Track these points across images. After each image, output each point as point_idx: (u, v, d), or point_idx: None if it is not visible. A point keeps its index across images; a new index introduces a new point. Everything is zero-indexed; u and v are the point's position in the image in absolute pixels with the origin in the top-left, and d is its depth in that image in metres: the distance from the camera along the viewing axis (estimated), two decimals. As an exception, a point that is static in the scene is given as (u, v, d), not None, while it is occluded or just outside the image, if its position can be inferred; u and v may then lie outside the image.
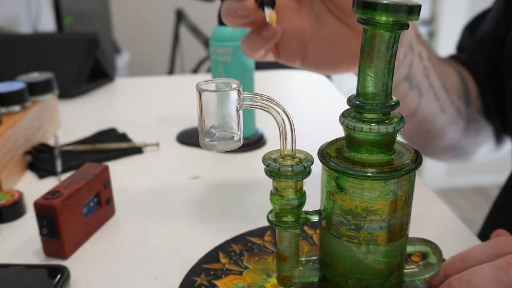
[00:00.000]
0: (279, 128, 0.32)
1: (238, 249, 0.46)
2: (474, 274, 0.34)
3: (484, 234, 0.67)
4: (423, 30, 2.56)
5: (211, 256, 0.45)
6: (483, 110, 0.67)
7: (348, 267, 0.35)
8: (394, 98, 0.33)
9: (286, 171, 0.32)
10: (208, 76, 1.08)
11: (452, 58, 0.72)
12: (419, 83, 0.54)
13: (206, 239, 0.48)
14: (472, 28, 0.71)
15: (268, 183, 0.57)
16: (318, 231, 0.44)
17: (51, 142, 0.73)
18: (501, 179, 0.94)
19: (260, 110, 0.32)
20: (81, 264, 0.45)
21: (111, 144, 0.70)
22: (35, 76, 0.72)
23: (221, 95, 0.31)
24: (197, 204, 0.56)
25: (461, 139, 0.66)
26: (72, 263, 0.45)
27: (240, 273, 0.43)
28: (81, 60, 0.99)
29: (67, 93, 0.95)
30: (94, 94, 0.99)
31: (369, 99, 0.32)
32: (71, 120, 0.84)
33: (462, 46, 0.72)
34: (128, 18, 2.81)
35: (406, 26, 0.30)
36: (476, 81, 0.67)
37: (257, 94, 0.32)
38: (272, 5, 0.41)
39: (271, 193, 0.34)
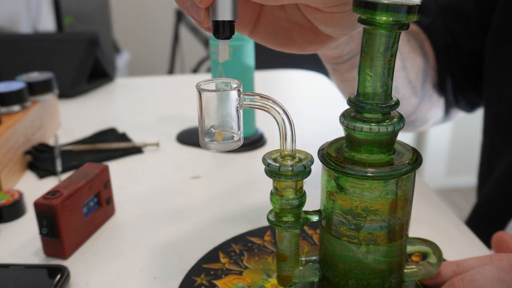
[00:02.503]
0: (279, 128, 0.32)
1: (238, 249, 0.46)
2: (476, 274, 0.34)
3: (471, 221, 0.67)
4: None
5: (211, 256, 0.45)
6: (438, 84, 0.67)
7: (348, 267, 0.35)
8: (394, 98, 0.33)
9: (286, 171, 0.32)
10: (208, 76, 1.08)
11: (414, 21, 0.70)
12: None
13: (206, 239, 0.48)
14: None
15: (268, 183, 0.57)
16: (318, 231, 0.44)
17: (51, 142, 0.73)
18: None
19: (260, 110, 0.32)
20: (81, 264, 0.45)
21: (111, 144, 0.70)
22: (35, 76, 0.72)
23: (221, 95, 0.31)
24: (197, 204, 0.56)
25: (411, 115, 0.66)
26: (72, 263, 0.45)
27: (240, 273, 0.43)
28: (81, 60, 0.99)
29: (67, 93, 0.95)
30: (94, 94, 0.99)
31: (369, 99, 0.32)
32: (71, 120, 0.84)
33: (424, 6, 0.70)
34: (128, 18, 2.81)
35: (406, 26, 0.30)
36: (435, 54, 0.66)
37: (257, 94, 0.32)
38: (229, 36, 0.34)
39: (271, 193, 0.34)
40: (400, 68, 0.57)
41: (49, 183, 0.61)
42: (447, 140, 2.60)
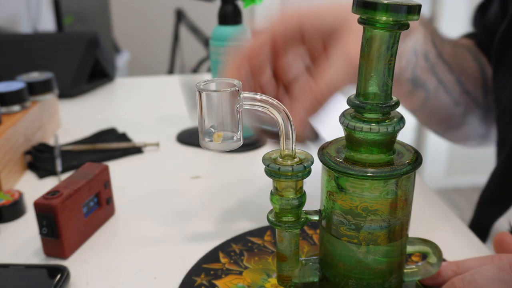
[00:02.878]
0: (279, 128, 0.32)
1: (238, 249, 0.46)
2: (477, 274, 0.34)
3: (474, 225, 0.67)
4: (423, 30, 2.55)
5: (211, 256, 0.45)
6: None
7: (348, 267, 0.35)
8: (394, 98, 0.33)
9: (286, 171, 0.32)
10: (208, 76, 1.08)
11: (470, 37, 0.71)
12: (424, 82, 0.55)
13: (206, 239, 0.48)
14: (483, 8, 0.70)
15: (268, 183, 0.57)
16: (318, 231, 0.44)
17: (51, 142, 0.73)
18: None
19: (260, 110, 0.32)
20: (81, 264, 0.45)
21: (111, 144, 0.70)
22: (35, 76, 0.72)
23: (221, 95, 0.31)
24: (197, 204, 0.56)
25: (480, 127, 0.67)
26: (72, 263, 0.45)
27: (240, 273, 0.43)
28: (81, 60, 0.99)
29: (67, 93, 0.95)
30: (94, 94, 0.99)
31: (369, 99, 0.32)
32: (71, 120, 0.84)
33: (474, 26, 0.72)
34: (128, 18, 2.81)
35: (406, 26, 0.30)
36: (491, 66, 0.67)
37: (257, 94, 0.32)
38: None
39: (271, 193, 0.34)
40: (453, 81, 0.58)
41: (49, 183, 0.61)
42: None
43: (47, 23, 2.16)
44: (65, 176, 0.62)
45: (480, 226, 0.62)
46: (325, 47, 0.46)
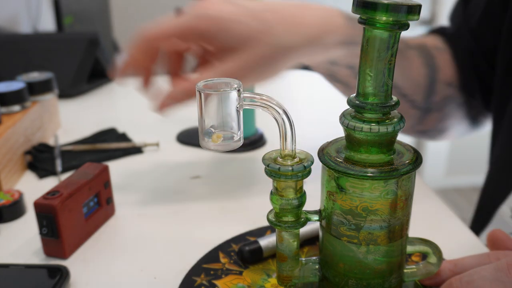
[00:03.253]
0: (279, 128, 0.32)
1: (238, 249, 0.46)
2: (475, 274, 0.34)
3: (474, 226, 0.67)
4: (423, 30, 2.55)
5: (211, 256, 0.45)
6: (466, 90, 0.68)
7: (348, 267, 0.35)
8: (394, 98, 0.33)
9: (286, 171, 0.32)
10: (208, 76, 1.08)
11: (439, 32, 0.72)
12: (347, 82, 0.59)
13: (206, 239, 0.48)
14: (465, 2, 0.71)
15: (268, 183, 0.57)
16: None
17: (51, 142, 0.73)
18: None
19: (260, 110, 0.32)
20: (81, 264, 0.45)
21: (111, 144, 0.70)
22: (35, 76, 0.72)
23: (221, 95, 0.31)
24: (197, 204, 0.56)
25: (417, 125, 0.69)
26: (72, 263, 0.45)
27: (240, 273, 0.43)
28: (81, 60, 0.99)
29: (67, 93, 0.95)
30: (94, 94, 0.99)
31: (369, 99, 0.32)
32: (71, 120, 0.84)
33: (453, 17, 0.73)
34: (128, 18, 2.81)
35: (406, 26, 0.30)
36: (459, 61, 0.67)
37: (257, 94, 0.32)
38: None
39: (271, 193, 0.34)
40: None
41: (49, 183, 0.61)
42: (447, 140, 2.60)
43: (47, 23, 2.16)
44: (65, 176, 0.62)
45: (484, 210, 0.62)
46: (216, 55, 0.53)
